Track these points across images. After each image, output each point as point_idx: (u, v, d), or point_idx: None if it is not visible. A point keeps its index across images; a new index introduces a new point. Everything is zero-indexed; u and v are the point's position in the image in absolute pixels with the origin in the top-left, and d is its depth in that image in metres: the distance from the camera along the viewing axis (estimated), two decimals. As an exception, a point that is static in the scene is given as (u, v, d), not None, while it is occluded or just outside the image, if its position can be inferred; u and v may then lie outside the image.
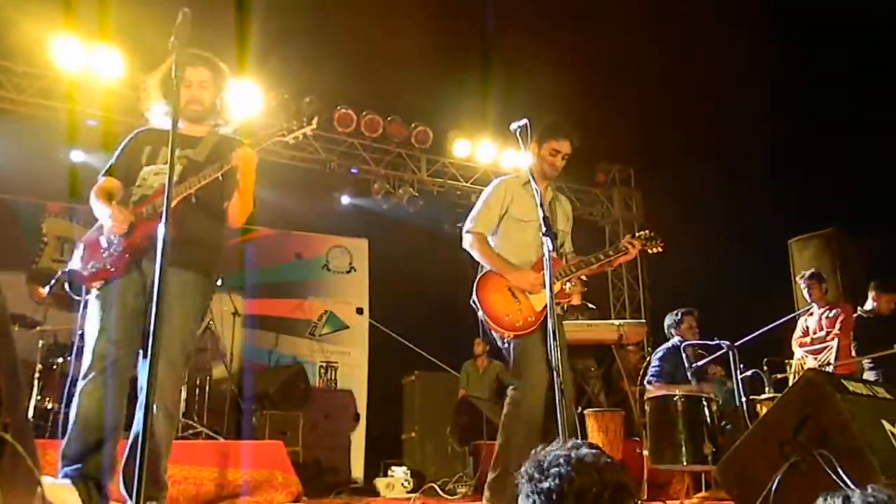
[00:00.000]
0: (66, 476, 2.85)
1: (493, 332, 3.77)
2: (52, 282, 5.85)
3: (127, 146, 3.28)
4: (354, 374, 8.94)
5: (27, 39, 7.02)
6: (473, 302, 3.80)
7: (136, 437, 2.85)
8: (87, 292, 3.06)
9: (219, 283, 3.34)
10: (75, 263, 3.09)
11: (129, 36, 7.16)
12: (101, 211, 3.06)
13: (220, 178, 3.07)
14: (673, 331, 6.06)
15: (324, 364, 8.73)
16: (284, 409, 7.11)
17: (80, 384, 2.90)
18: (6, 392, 1.48)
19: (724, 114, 9.25)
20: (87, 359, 2.92)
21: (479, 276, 3.85)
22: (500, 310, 3.70)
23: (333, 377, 8.65)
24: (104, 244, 3.07)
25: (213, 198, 3.17)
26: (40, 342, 5.82)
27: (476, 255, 3.92)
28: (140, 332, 2.95)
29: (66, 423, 2.95)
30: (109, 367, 2.88)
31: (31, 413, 5.46)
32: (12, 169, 7.20)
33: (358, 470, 8.13)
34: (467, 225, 4.01)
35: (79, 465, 2.86)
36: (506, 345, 3.76)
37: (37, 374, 5.64)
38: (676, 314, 6.10)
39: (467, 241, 3.98)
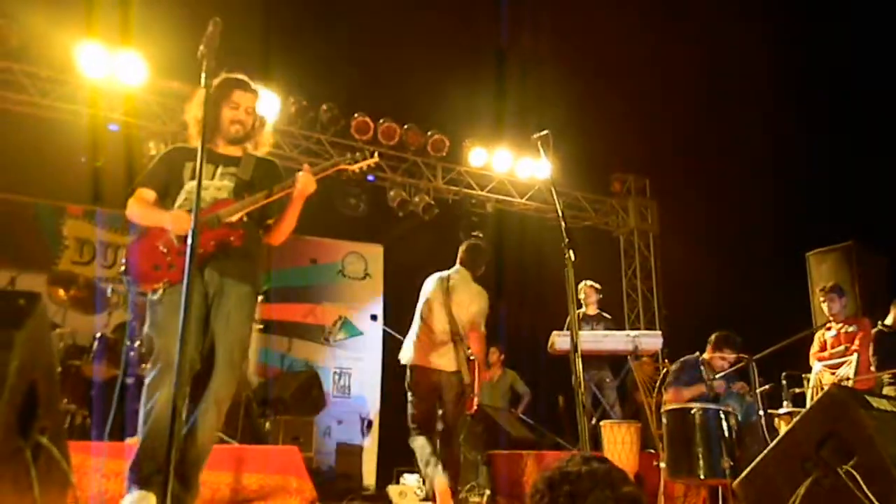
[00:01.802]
0: (136, 483, 2.88)
1: None
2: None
3: (165, 161, 3.36)
4: (368, 381, 8.95)
5: (52, 45, 7.11)
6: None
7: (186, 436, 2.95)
8: (151, 293, 3.14)
9: (260, 298, 3.47)
10: (136, 265, 3.16)
11: (152, 42, 7.23)
12: (156, 216, 3.17)
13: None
14: (709, 347, 5.89)
15: (337, 370, 8.74)
16: (298, 414, 7.12)
17: (153, 390, 2.95)
18: (43, 396, 1.50)
19: (742, 125, 9.23)
20: (158, 363, 2.97)
21: None
22: None
23: (347, 383, 8.66)
24: (163, 249, 3.15)
25: (262, 216, 3.32)
26: (60, 344, 5.87)
27: None
28: (201, 337, 3.07)
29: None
30: (186, 377, 2.88)
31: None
32: (34, 172, 7.28)
33: (370, 477, 8.13)
34: None
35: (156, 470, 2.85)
36: None
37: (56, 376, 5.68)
38: (725, 340, 5.74)
39: None
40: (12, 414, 1.33)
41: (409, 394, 5.17)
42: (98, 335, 5.94)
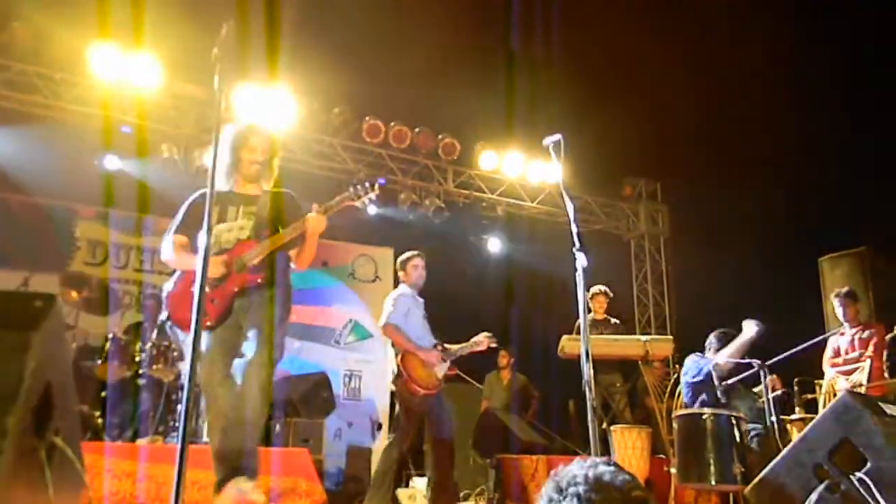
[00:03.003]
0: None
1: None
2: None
3: (191, 207, 3.61)
4: (377, 384, 8.95)
5: (66, 47, 7.15)
6: (403, 370, 5.11)
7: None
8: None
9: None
10: (180, 314, 3.44)
11: (166, 44, 7.27)
12: (190, 261, 3.43)
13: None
14: (714, 349, 5.90)
15: (347, 372, 8.76)
16: (308, 416, 7.13)
17: (214, 432, 3.31)
18: (59, 397, 1.51)
19: (753, 129, 9.19)
20: (219, 409, 3.29)
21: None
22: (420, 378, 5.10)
23: (357, 386, 8.67)
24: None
25: (287, 247, 3.64)
26: (73, 345, 5.90)
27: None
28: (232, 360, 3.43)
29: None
30: (236, 416, 3.29)
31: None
32: (48, 173, 7.33)
33: (379, 480, 8.12)
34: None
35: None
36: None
37: (68, 377, 5.71)
38: (727, 336, 5.77)
39: None
40: (28, 415, 1.34)
41: None
42: (110, 336, 5.97)
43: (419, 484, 6.86)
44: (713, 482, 4.56)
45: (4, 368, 1.31)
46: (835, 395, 5.95)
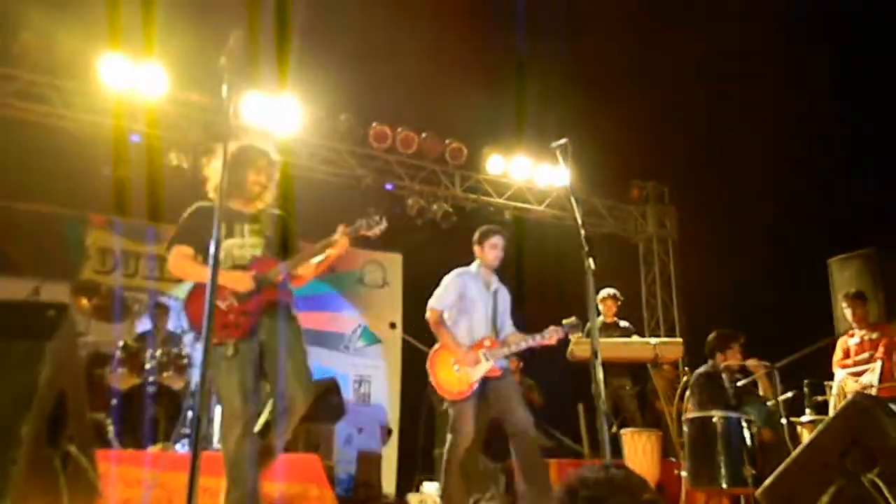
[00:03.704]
0: None
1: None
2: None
3: (192, 220, 3.66)
4: (387, 389, 8.96)
5: (75, 57, 7.20)
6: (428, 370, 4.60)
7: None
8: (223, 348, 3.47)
9: None
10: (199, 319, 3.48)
11: (173, 53, 7.31)
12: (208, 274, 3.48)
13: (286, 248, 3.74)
14: (717, 353, 5.92)
15: (357, 378, 8.77)
16: (318, 422, 7.14)
17: (238, 441, 3.36)
18: (72, 406, 1.53)
19: (761, 130, 9.16)
20: (236, 417, 3.37)
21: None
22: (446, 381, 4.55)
23: (367, 391, 8.68)
24: (224, 307, 3.49)
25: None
26: (83, 352, 5.92)
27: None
28: (257, 383, 3.53)
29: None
30: (252, 420, 3.42)
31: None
32: (58, 182, 7.37)
33: (390, 485, 8.13)
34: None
35: None
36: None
37: (79, 385, 5.74)
38: (725, 337, 5.84)
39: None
40: (42, 423, 1.36)
41: None
42: (120, 344, 6.00)
43: (429, 489, 6.86)
44: (724, 485, 4.55)
45: (18, 377, 1.32)
46: (845, 396, 5.93)
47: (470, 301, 4.68)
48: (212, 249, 2.62)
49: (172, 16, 6.79)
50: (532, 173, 9.59)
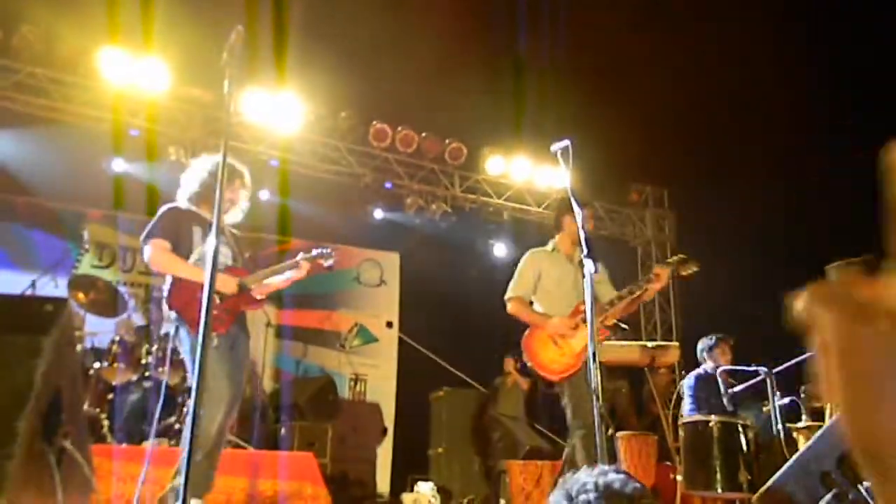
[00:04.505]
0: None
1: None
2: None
3: (172, 219, 3.92)
4: (383, 388, 8.96)
5: (75, 51, 7.18)
6: (525, 359, 4.27)
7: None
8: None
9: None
10: (190, 313, 3.71)
11: (173, 48, 7.29)
12: (194, 271, 3.75)
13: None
14: (706, 355, 5.99)
15: (353, 376, 8.76)
16: (313, 420, 7.13)
17: (220, 422, 3.61)
18: (68, 401, 1.52)
19: (761, 135, 9.16)
20: (222, 400, 3.61)
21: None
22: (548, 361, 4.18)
23: (363, 390, 8.67)
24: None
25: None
26: (79, 347, 5.91)
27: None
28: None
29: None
30: (233, 405, 3.73)
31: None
32: (57, 177, 7.36)
33: (384, 484, 8.13)
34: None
35: None
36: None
37: (75, 379, 5.73)
38: (711, 339, 6.03)
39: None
40: (38, 419, 1.35)
41: None
42: (117, 338, 5.99)
43: (423, 488, 6.85)
44: (719, 490, 4.54)
45: (15, 372, 1.32)
46: (842, 403, 5.92)
47: (549, 277, 4.42)
48: (210, 247, 2.65)
49: (173, 11, 6.77)
50: (532, 175, 9.58)
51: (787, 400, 5.15)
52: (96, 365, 5.87)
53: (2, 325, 1.36)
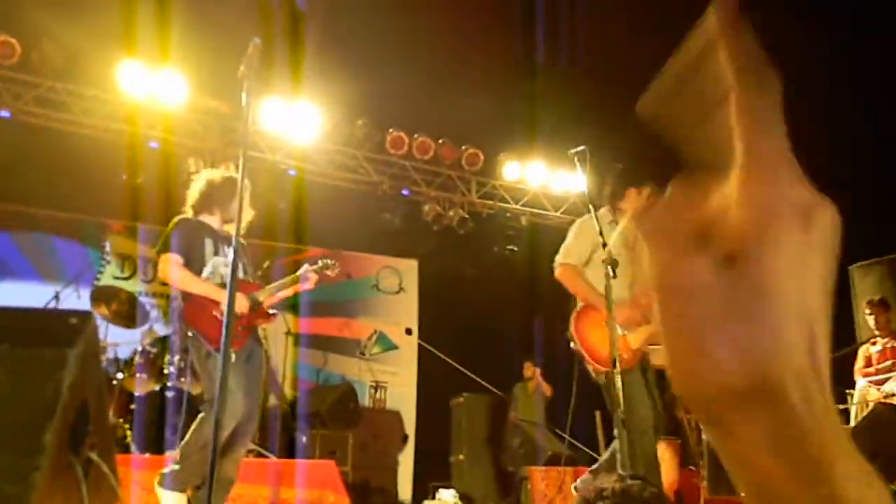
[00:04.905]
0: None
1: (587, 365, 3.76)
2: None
3: (184, 231, 3.93)
4: (403, 395, 8.95)
5: (95, 65, 7.27)
6: (569, 335, 3.81)
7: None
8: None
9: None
10: (206, 330, 3.76)
11: (191, 60, 7.36)
12: (209, 289, 3.82)
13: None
14: None
15: (373, 384, 8.77)
16: (334, 428, 7.15)
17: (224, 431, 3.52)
18: (94, 413, 1.53)
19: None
20: (233, 415, 3.61)
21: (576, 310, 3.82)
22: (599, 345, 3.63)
23: (383, 397, 8.68)
24: (221, 318, 3.67)
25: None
26: (101, 358, 5.96)
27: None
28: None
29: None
30: (248, 417, 3.78)
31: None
32: (78, 189, 7.44)
33: (406, 492, 8.12)
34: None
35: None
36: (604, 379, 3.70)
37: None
38: None
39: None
40: (65, 431, 1.36)
41: None
42: (139, 349, 6.04)
43: (445, 496, 6.84)
44: (742, 495, 4.49)
45: (42, 385, 1.33)
46: (867, 405, 5.86)
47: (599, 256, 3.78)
48: (230, 261, 2.70)
49: (190, 23, 6.84)
50: (548, 179, 9.57)
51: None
52: (119, 375, 5.93)
53: (29, 339, 1.38)
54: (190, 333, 3.80)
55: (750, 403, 0.35)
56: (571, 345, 3.78)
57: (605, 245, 3.45)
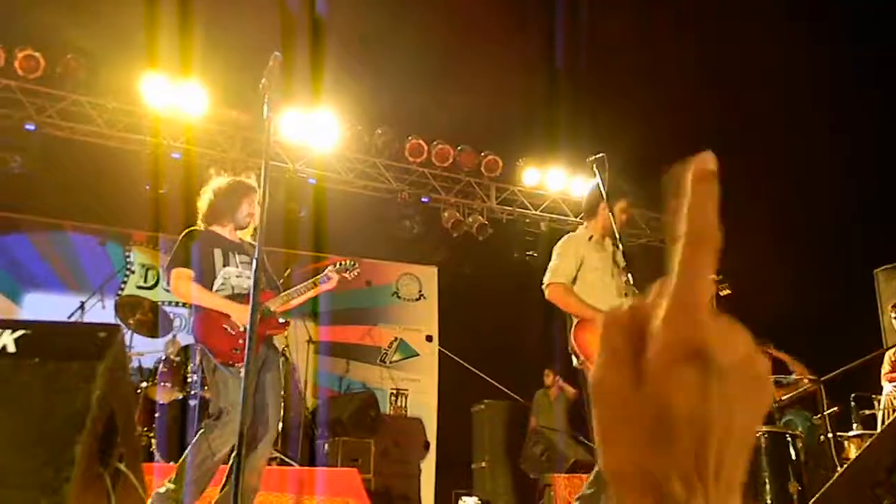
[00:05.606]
0: None
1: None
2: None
3: (196, 246, 3.88)
4: (424, 402, 8.96)
5: (118, 78, 7.38)
6: (571, 349, 3.90)
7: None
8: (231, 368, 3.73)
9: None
10: (215, 343, 3.74)
11: (213, 71, 7.45)
12: (218, 302, 3.78)
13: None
14: None
15: (394, 391, 8.79)
16: (356, 436, 7.17)
17: (227, 444, 3.54)
18: (122, 424, 1.56)
19: (805, 136, 9.00)
20: (232, 431, 3.46)
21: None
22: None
23: (404, 404, 8.69)
24: (231, 332, 3.75)
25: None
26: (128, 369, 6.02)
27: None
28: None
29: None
30: (254, 438, 3.65)
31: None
32: (102, 200, 7.54)
33: (428, 499, 8.12)
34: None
35: None
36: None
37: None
38: None
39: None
40: (94, 442, 1.39)
41: None
42: (162, 358, 6.10)
43: (468, 502, 6.84)
44: (769, 501, 4.46)
45: (71, 398, 1.36)
46: (894, 410, 5.79)
47: (591, 265, 4.07)
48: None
49: (211, 36, 6.93)
50: (568, 184, 9.55)
51: (837, 408, 5.04)
52: (143, 384, 5.99)
53: (59, 352, 1.41)
54: (199, 347, 3.83)
55: (637, 487, 0.42)
56: (574, 361, 3.90)
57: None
